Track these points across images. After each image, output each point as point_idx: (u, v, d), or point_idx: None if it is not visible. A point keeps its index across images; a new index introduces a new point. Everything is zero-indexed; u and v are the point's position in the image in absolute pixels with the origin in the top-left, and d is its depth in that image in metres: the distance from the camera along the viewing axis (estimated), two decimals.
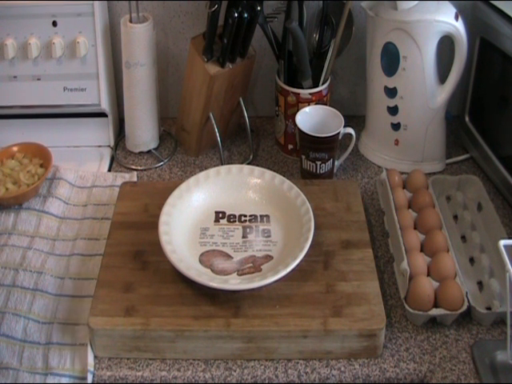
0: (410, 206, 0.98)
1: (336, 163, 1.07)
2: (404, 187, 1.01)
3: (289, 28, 1.00)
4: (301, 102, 1.08)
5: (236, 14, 0.97)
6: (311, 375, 0.80)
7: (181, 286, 0.83)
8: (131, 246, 0.90)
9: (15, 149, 1.08)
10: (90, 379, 0.79)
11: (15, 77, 1.11)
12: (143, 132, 1.13)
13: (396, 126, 1.08)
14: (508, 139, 1.04)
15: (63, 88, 1.12)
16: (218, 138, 1.10)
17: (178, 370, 0.81)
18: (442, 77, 1.04)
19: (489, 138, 1.08)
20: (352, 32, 1.07)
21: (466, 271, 0.90)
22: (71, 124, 1.16)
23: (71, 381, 0.80)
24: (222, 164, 1.11)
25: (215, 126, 1.09)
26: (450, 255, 0.88)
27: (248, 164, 1.12)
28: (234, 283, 0.82)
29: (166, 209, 0.90)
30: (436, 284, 0.85)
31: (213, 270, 0.85)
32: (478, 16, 1.04)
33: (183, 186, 0.94)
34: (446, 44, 1.01)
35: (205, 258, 0.87)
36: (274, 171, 0.97)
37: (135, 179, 1.10)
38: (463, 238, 0.97)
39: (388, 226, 0.97)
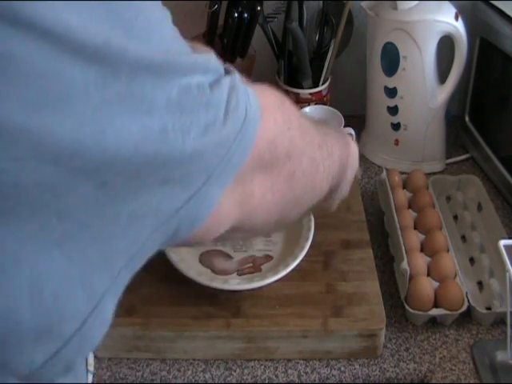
0: (410, 206, 0.98)
1: None
2: (404, 187, 1.01)
3: (289, 28, 1.00)
4: (301, 102, 1.08)
5: (236, 14, 0.97)
6: (311, 375, 0.80)
7: (181, 286, 0.83)
8: None
9: None
10: (90, 379, 0.79)
11: None
12: None
13: (396, 126, 1.08)
14: (508, 139, 1.04)
15: None
16: None
17: (178, 370, 0.81)
18: (442, 77, 1.04)
19: (489, 138, 1.08)
20: (352, 32, 1.07)
21: (465, 271, 0.90)
22: None
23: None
24: None
25: None
26: (450, 255, 0.88)
27: None
28: (233, 283, 0.82)
29: None
30: (436, 284, 0.85)
31: (213, 270, 0.85)
32: (478, 16, 1.04)
33: None
34: (446, 44, 1.01)
35: (205, 258, 0.87)
36: None
37: None
38: (463, 238, 0.97)
39: (388, 226, 0.97)
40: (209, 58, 0.43)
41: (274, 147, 0.49)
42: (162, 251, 0.84)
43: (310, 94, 1.08)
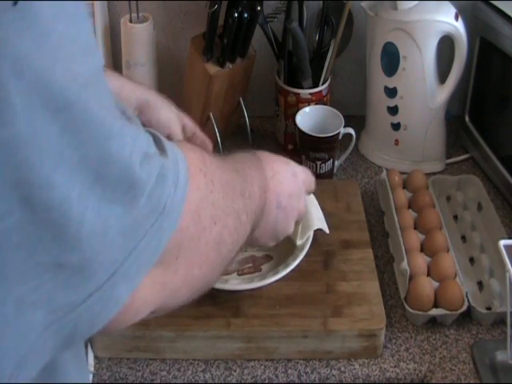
0: (410, 206, 0.98)
1: (336, 163, 1.07)
2: (404, 187, 1.01)
3: (289, 28, 1.00)
4: (301, 102, 1.08)
5: (236, 14, 0.96)
6: (311, 375, 0.80)
7: None
8: None
9: None
10: (90, 379, 0.79)
11: None
12: None
13: (396, 126, 1.08)
14: (508, 139, 1.04)
15: None
16: (218, 138, 1.10)
17: (178, 370, 0.81)
18: (442, 77, 1.04)
19: (489, 138, 1.08)
20: (352, 32, 1.07)
21: (465, 271, 0.90)
22: None
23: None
24: None
25: (215, 126, 1.09)
26: (450, 255, 0.88)
27: None
28: (234, 283, 0.82)
29: None
30: (436, 284, 0.85)
31: None
32: (477, 16, 1.04)
33: None
34: (446, 44, 1.01)
35: None
36: None
37: None
38: (463, 238, 0.97)
39: (388, 226, 0.97)
40: (140, 129, 0.39)
41: (197, 217, 0.45)
42: None
43: (310, 94, 1.08)
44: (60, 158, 0.33)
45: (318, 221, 0.89)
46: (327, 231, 0.89)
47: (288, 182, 0.68)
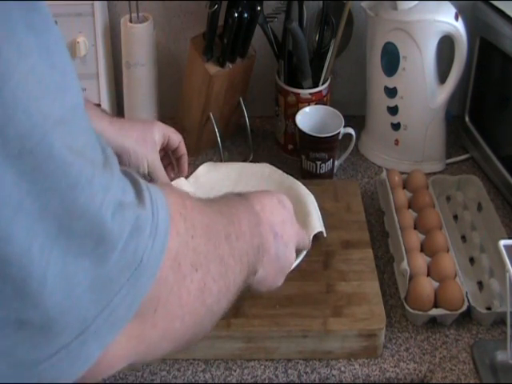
0: (410, 206, 0.98)
1: (336, 163, 1.07)
2: (404, 187, 1.01)
3: (289, 28, 1.00)
4: (301, 102, 1.08)
5: (236, 14, 0.97)
6: (311, 375, 0.80)
7: None
8: None
9: None
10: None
11: None
12: None
13: (396, 126, 1.08)
14: (508, 139, 1.04)
15: None
16: (218, 138, 1.10)
17: (178, 370, 0.81)
18: (442, 77, 1.04)
19: (489, 138, 1.08)
20: (352, 32, 1.07)
21: (465, 271, 0.90)
22: None
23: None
24: None
25: (215, 126, 1.09)
26: (450, 255, 0.88)
27: None
28: None
29: None
30: (436, 284, 0.85)
31: None
32: (478, 16, 1.04)
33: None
34: (446, 44, 1.01)
35: None
36: None
37: None
38: (463, 238, 0.97)
39: (388, 226, 0.97)
40: (115, 175, 0.36)
41: (177, 265, 0.42)
42: None
43: (310, 94, 1.08)
44: (19, 207, 0.30)
45: (319, 222, 0.89)
46: (325, 234, 0.89)
47: (277, 209, 0.66)
